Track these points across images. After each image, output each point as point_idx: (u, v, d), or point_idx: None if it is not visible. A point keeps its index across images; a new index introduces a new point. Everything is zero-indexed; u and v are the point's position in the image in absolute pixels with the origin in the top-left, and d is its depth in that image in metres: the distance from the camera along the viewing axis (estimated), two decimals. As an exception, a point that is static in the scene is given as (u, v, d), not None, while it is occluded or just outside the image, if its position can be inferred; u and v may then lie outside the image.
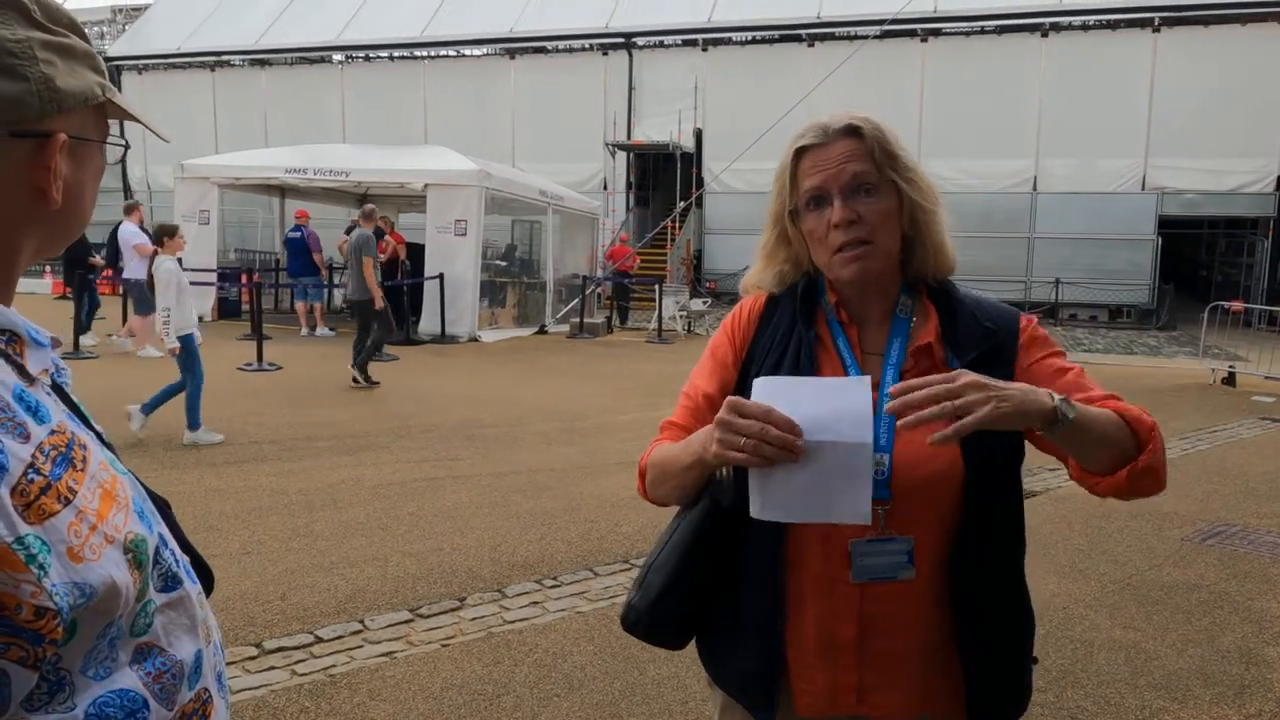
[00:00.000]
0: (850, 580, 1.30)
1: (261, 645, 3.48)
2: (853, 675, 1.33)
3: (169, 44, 26.74)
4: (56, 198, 0.80)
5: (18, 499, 0.69)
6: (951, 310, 1.39)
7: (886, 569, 1.30)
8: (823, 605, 1.34)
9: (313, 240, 14.30)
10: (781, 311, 1.45)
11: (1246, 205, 19.99)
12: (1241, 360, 12.53)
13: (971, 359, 1.32)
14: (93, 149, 0.86)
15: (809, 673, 1.36)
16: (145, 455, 6.18)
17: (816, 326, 1.41)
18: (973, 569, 1.32)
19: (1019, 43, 20.48)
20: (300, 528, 4.85)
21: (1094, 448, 1.24)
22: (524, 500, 5.51)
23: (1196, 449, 7.71)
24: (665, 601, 1.42)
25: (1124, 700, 3.29)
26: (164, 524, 0.90)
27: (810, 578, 1.34)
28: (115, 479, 0.81)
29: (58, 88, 0.79)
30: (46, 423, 0.75)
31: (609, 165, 23.07)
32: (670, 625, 1.46)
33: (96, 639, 0.75)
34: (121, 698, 0.77)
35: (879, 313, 1.41)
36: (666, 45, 23.16)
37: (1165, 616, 4.06)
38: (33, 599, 0.68)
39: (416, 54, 24.99)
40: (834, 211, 1.33)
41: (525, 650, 3.54)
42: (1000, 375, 1.24)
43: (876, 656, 1.33)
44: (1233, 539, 5.21)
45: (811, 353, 1.37)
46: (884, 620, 1.32)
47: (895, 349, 1.37)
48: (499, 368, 11.61)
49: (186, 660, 0.84)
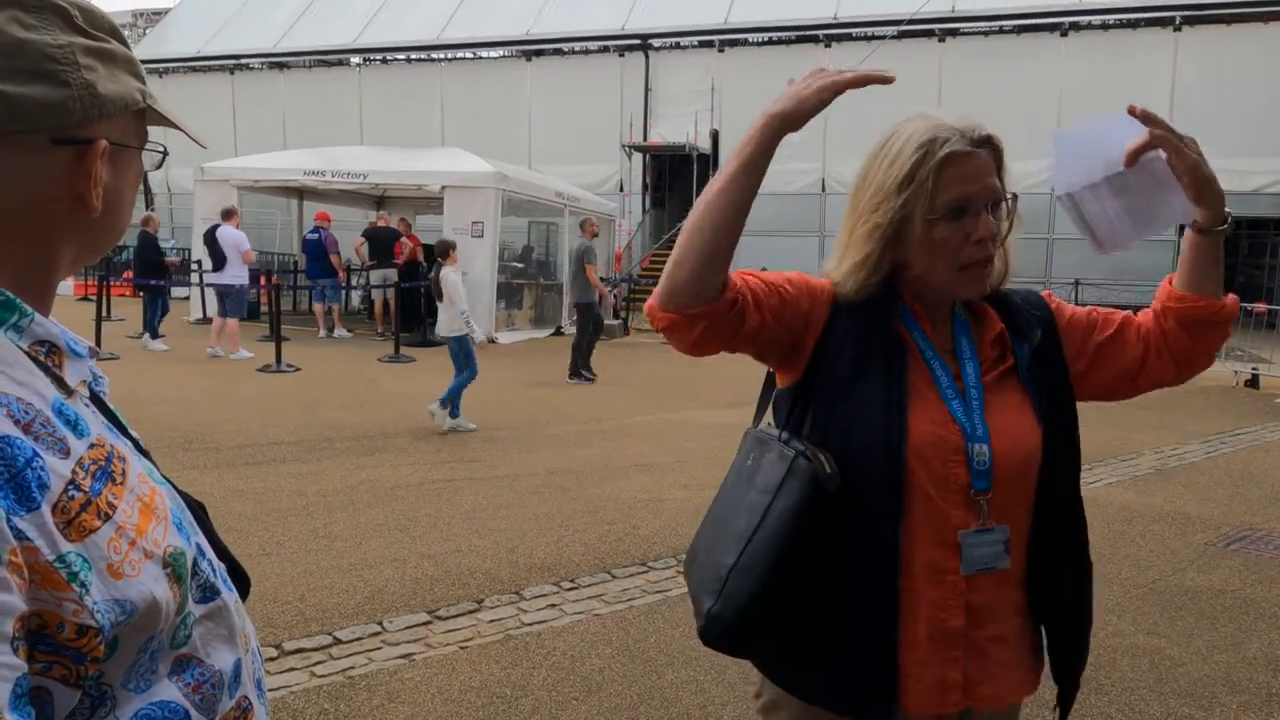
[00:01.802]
0: (960, 571, 1.32)
1: (281, 646, 3.49)
2: (959, 669, 1.34)
3: (189, 48, 26.96)
4: (97, 205, 0.79)
5: (59, 516, 0.68)
6: (1005, 304, 1.43)
7: (989, 558, 1.33)
8: (934, 598, 1.33)
9: (330, 242, 14.37)
10: (850, 315, 1.37)
11: (1270, 206, 19.76)
12: (1265, 362, 12.39)
13: (1037, 342, 1.39)
14: (132, 155, 0.85)
15: (920, 669, 1.33)
16: (167, 455, 6.22)
17: (894, 325, 1.39)
18: (1054, 550, 1.38)
19: (1038, 42, 20.33)
20: (319, 529, 4.86)
21: (1217, 266, 1.38)
22: (541, 502, 5.51)
23: (1220, 452, 7.62)
24: (758, 607, 1.30)
25: (1149, 708, 3.25)
26: (200, 532, 0.89)
27: (922, 570, 1.32)
28: (154, 491, 0.81)
29: (99, 94, 0.78)
30: (86, 436, 0.75)
31: (625, 167, 23.07)
32: (766, 633, 1.35)
33: (138, 653, 0.75)
34: (163, 709, 0.76)
35: (945, 315, 1.42)
36: (683, 46, 23.13)
37: (1190, 622, 4.01)
38: (74, 617, 0.68)
39: (433, 56, 25.09)
40: (978, 226, 1.31)
41: (543, 653, 3.54)
42: (1053, 349, 1.41)
43: (980, 647, 1.35)
44: (1258, 544, 5.14)
45: (903, 354, 1.36)
46: (986, 610, 1.35)
47: (964, 345, 1.39)
48: (516, 370, 11.63)
49: (225, 670, 0.83)
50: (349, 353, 12.57)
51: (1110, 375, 1.46)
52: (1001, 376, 1.39)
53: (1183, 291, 1.40)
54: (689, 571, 1.46)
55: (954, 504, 1.32)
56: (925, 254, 1.34)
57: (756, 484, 1.35)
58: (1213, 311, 1.39)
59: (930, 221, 1.31)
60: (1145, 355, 1.44)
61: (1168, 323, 1.42)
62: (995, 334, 1.40)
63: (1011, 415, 1.35)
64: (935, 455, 1.31)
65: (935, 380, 1.35)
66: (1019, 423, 1.36)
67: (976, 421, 1.33)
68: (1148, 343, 1.44)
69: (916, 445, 1.30)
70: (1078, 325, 1.46)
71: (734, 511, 1.37)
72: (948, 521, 1.31)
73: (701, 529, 1.46)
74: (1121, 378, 1.46)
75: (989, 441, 1.32)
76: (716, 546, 1.36)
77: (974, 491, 1.32)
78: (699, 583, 1.38)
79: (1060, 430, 1.38)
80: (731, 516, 1.37)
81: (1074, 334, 1.45)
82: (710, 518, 1.45)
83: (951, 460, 1.31)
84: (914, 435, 1.30)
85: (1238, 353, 13.38)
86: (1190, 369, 1.44)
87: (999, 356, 1.40)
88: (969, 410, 1.33)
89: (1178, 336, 1.41)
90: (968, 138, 1.30)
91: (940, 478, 1.31)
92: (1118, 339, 1.45)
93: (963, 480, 1.32)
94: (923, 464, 1.31)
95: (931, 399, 1.34)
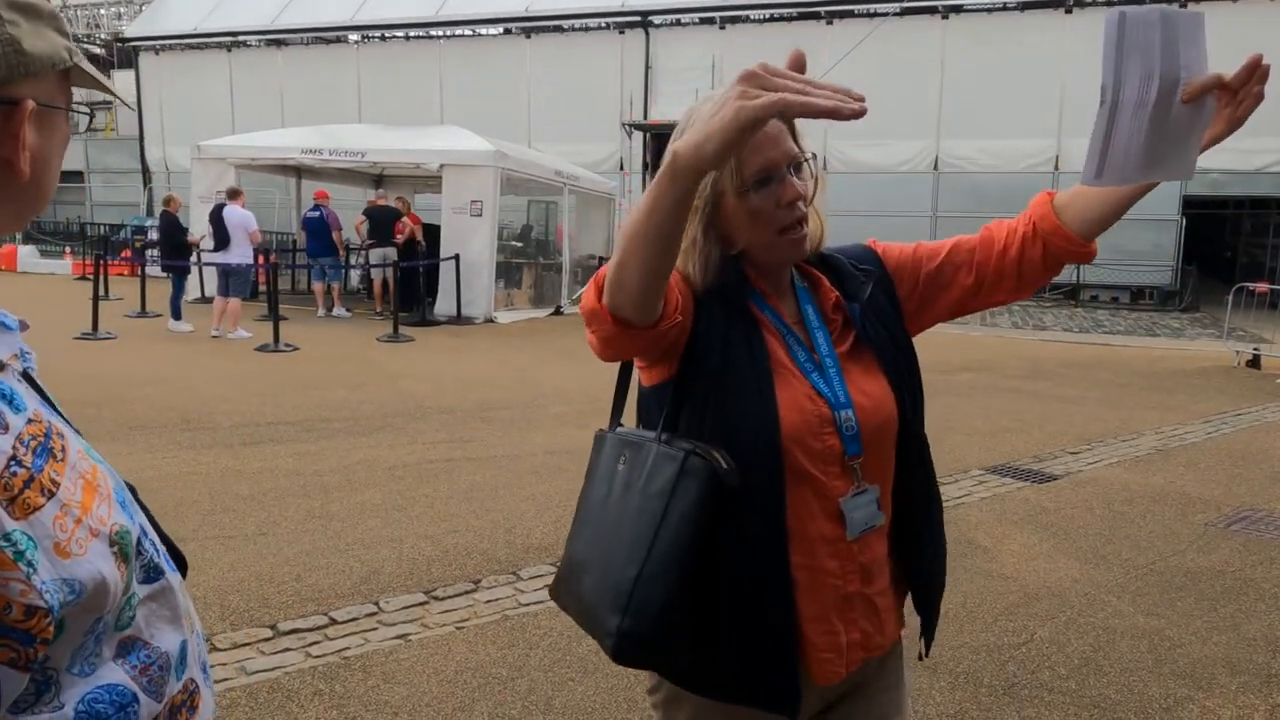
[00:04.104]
0: (846, 538, 1.35)
1: (276, 627, 3.47)
2: (858, 628, 1.38)
3: (185, 24, 26.72)
4: (25, 169, 0.75)
5: (2, 493, 0.66)
6: (832, 267, 1.46)
7: (868, 519, 1.37)
8: (832, 568, 1.36)
9: (332, 220, 14.32)
10: (709, 303, 1.35)
11: (1272, 185, 19.63)
12: (1266, 343, 12.35)
13: (868, 298, 1.43)
14: (59, 118, 0.80)
15: (827, 639, 1.36)
16: (163, 435, 6.20)
17: (746, 304, 1.39)
18: (914, 494, 1.44)
19: (1042, 19, 20.13)
20: (316, 509, 4.84)
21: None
22: (539, 482, 5.49)
23: (1220, 432, 7.60)
24: (671, 614, 1.26)
25: (1147, 689, 3.24)
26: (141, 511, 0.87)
27: (817, 545, 1.34)
28: (95, 469, 0.78)
29: (25, 50, 0.73)
30: (23, 411, 0.71)
31: (625, 145, 22.92)
32: (682, 640, 1.30)
33: (84, 636, 0.72)
34: (111, 693, 0.74)
35: (785, 285, 1.45)
36: (684, 23, 22.92)
37: (1189, 603, 4.00)
38: (22, 598, 0.65)
39: (432, 34, 24.85)
40: (786, 189, 1.32)
41: (540, 633, 3.52)
42: (888, 296, 1.46)
43: (871, 602, 1.40)
44: (1258, 524, 5.13)
45: (760, 336, 1.37)
46: (872, 567, 1.39)
47: (811, 314, 1.42)
48: (515, 349, 11.60)
49: (171, 651, 0.81)
50: (347, 332, 12.53)
51: (945, 302, 1.50)
52: (852, 345, 1.42)
53: (1071, 231, 1.40)
54: (568, 590, 1.39)
55: (833, 474, 1.35)
56: (745, 226, 1.35)
57: (642, 488, 1.30)
58: (1085, 255, 1.42)
59: (742, 193, 1.33)
60: (980, 283, 1.47)
61: (1033, 249, 1.43)
62: (834, 301, 1.43)
63: (867, 379, 1.39)
64: (808, 431, 1.33)
65: (793, 356, 1.38)
66: (875, 384, 1.40)
67: (838, 389, 1.36)
68: (983, 270, 1.46)
69: (789, 426, 1.32)
70: (905, 264, 1.50)
71: (621, 520, 1.31)
72: (830, 493, 1.34)
73: (578, 543, 1.39)
74: (957, 304, 1.51)
75: (853, 407, 1.36)
76: (612, 558, 1.30)
77: (847, 457, 1.35)
78: (595, 598, 1.31)
79: (905, 379, 1.43)
80: (620, 525, 1.31)
81: (902, 274, 1.50)
82: (588, 528, 1.38)
83: (824, 433, 1.34)
84: (785, 417, 1.32)
85: (1239, 333, 13.35)
86: (1032, 287, 1.48)
87: (845, 322, 1.43)
88: (828, 380, 1.37)
89: (1035, 264, 1.44)
90: None
91: (816, 452, 1.33)
92: (948, 266, 1.49)
93: (837, 449, 1.35)
94: (798, 443, 1.32)
95: (794, 376, 1.36)
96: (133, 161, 27.48)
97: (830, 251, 1.49)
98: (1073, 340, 14.81)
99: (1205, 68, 1.13)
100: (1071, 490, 5.71)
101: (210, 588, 3.78)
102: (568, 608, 1.43)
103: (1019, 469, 6.18)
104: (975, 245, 1.48)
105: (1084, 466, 6.31)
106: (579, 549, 1.39)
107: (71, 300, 13.45)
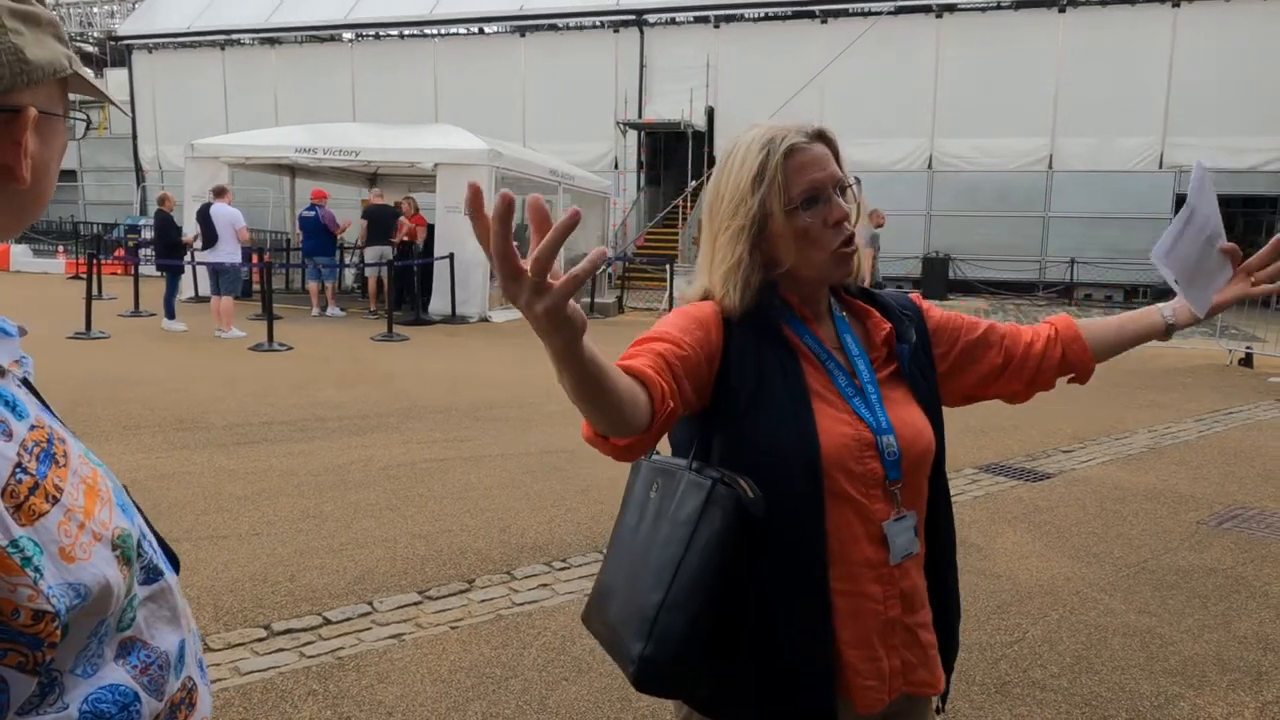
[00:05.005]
0: (889, 562, 1.36)
1: (270, 627, 3.47)
2: (898, 656, 1.37)
3: (179, 23, 26.65)
4: (26, 176, 0.76)
5: (8, 500, 0.67)
6: (881, 304, 1.49)
7: (907, 545, 1.38)
8: (874, 593, 1.36)
9: (329, 219, 14.31)
10: (742, 331, 1.36)
11: (1266, 184, 19.70)
12: (1259, 341, 12.39)
13: (913, 341, 1.46)
14: (58, 125, 0.82)
15: (868, 665, 1.34)
16: (157, 435, 6.19)
17: (784, 332, 1.39)
18: (940, 534, 1.47)
19: (1036, 18, 20.17)
20: (310, 509, 4.84)
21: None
22: (534, 482, 5.49)
23: (1213, 431, 7.62)
24: (694, 643, 1.25)
25: (1139, 686, 3.25)
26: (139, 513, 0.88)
27: (860, 569, 1.34)
28: (95, 472, 0.79)
29: (27, 59, 0.74)
30: (25, 418, 0.72)
31: (620, 144, 22.92)
32: (703, 668, 1.28)
33: (88, 638, 0.73)
34: (113, 693, 0.76)
35: (824, 312, 1.46)
36: (678, 22, 22.92)
37: (1181, 601, 4.02)
38: (30, 603, 0.66)
39: (426, 32, 24.82)
40: (833, 209, 1.35)
41: (534, 633, 3.53)
42: (925, 350, 1.49)
43: (913, 632, 1.39)
44: (1249, 522, 5.15)
45: (797, 362, 1.38)
46: (913, 595, 1.40)
47: (850, 343, 1.43)
48: (510, 348, 11.60)
49: (170, 651, 0.83)
50: (342, 331, 12.52)
51: (972, 377, 1.55)
52: (891, 375, 1.44)
53: (1090, 352, 1.57)
54: (597, 614, 1.39)
55: (875, 498, 1.35)
56: (793, 245, 1.37)
57: (671, 516, 1.30)
58: (1088, 372, 1.58)
59: (790, 212, 1.35)
60: (1005, 366, 1.55)
61: (1054, 350, 1.55)
62: (885, 333, 1.45)
63: (905, 408, 1.42)
64: (850, 455, 1.34)
65: (834, 381, 1.38)
66: (914, 415, 1.42)
67: (880, 415, 1.38)
68: (1010, 354, 1.55)
69: (830, 450, 1.32)
70: (945, 326, 1.55)
71: (650, 547, 1.31)
72: (873, 516, 1.35)
73: (610, 567, 1.39)
74: (980, 382, 1.56)
75: (894, 433, 1.37)
76: (637, 585, 1.29)
77: (888, 482, 1.36)
78: (620, 624, 1.30)
79: (937, 423, 1.46)
80: (648, 552, 1.31)
81: (941, 335, 1.53)
82: (619, 555, 1.38)
83: (865, 456, 1.35)
84: (825, 440, 1.32)
85: (1231, 331, 13.39)
86: (1034, 393, 1.60)
87: (888, 355, 1.45)
88: (870, 405, 1.38)
89: (1049, 372, 1.56)
90: (803, 132, 1.37)
91: (858, 475, 1.34)
92: (982, 343, 1.55)
93: (879, 473, 1.35)
94: (839, 466, 1.33)
95: (834, 400, 1.37)
96: (126, 160, 27.40)
97: (875, 291, 1.52)
98: (1066, 339, 14.81)
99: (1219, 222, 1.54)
100: (1064, 488, 5.73)
101: (204, 588, 3.78)
102: (597, 633, 1.40)
103: (1012, 467, 6.20)
104: (1006, 332, 1.57)
105: (1077, 465, 6.33)
106: (609, 574, 1.39)
107: (65, 300, 13.42)
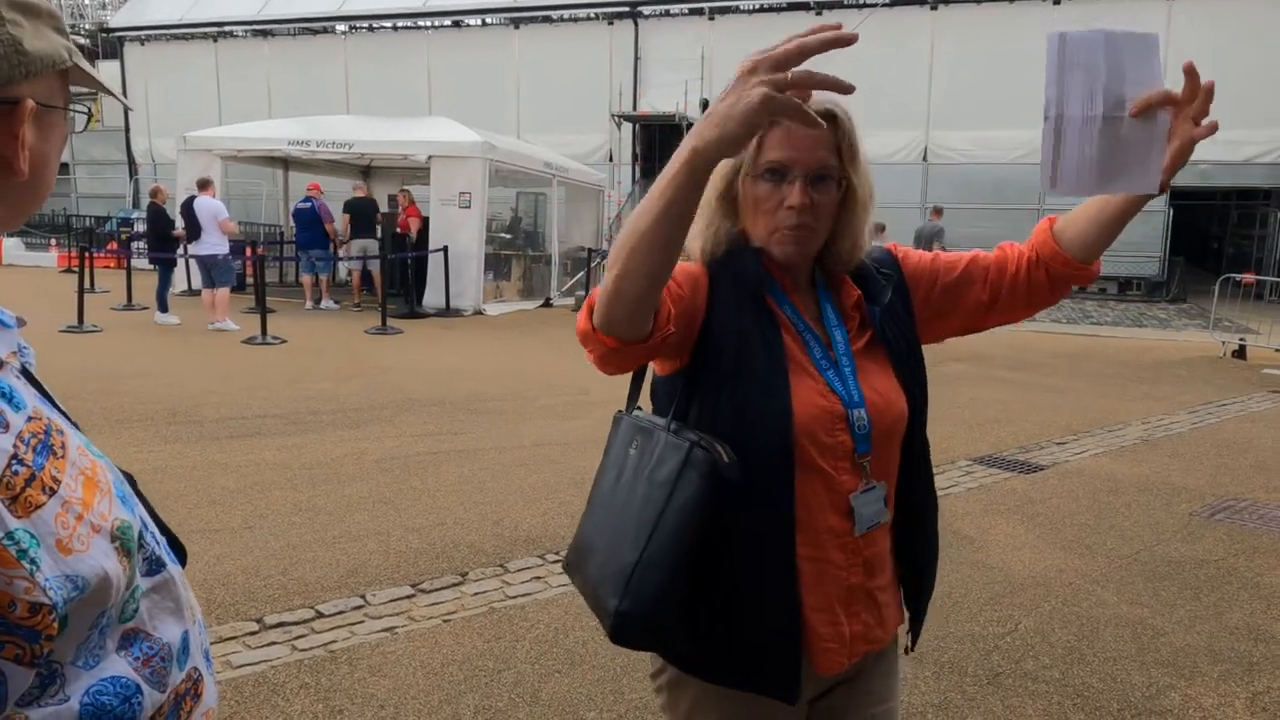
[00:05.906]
0: (854, 533, 1.39)
1: (262, 620, 3.47)
2: (860, 620, 1.42)
3: (171, 15, 26.51)
4: (24, 169, 0.75)
5: (4, 492, 0.66)
6: (859, 272, 1.47)
7: (874, 515, 1.41)
8: (838, 560, 1.39)
9: (324, 211, 14.26)
10: (725, 290, 1.38)
11: (1261, 176, 19.72)
12: (1252, 333, 12.43)
13: (888, 301, 1.45)
14: (58, 117, 0.81)
15: (830, 629, 1.39)
16: (150, 428, 6.17)
17: (764, 299, 1.41)
18: (916, 495, 1.49)
19: (1031, 10, 20.12)
20: (303, 502, 4.83)
21: (1118, 234, 1.41)
22: (528, 474, 5.49)
23: (1206, 422, 7.65)
24: (668, 600, 1.30)
25: (1130, 677, 3.26)
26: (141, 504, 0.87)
27: (825, 538, 1.37)
28: (95, 464, 0.78)
29: (25, 51, 0.74)
30: (23, 409, 0.72)
31: (614, 137, 22.86)
32: (678, 624, 1.34)
33: (88, 630, 0.73)
34: (115, 684, 0.76)
35: (805, 281, 1.47)
36: (673, 14, 22.83)
37: (1173, 592, 4.03)
38: (26, 595, 0.66)
39: (420, 24, 24.72)
40: (793, 193, 1.34)
41: (527, 626, 3.53)
42: (904, 302, 1.49)
43: (874, 596, 1.43)
44: (1242, 514, 5.16)
45: (777, 332, 1.39)
46: (876, 561, 1.43)
47: (830, 312, 1.45)
48: (504, 341, 11.58)
49: (173, 642, 0.83)
50: (335, 324, 12.49)
51: (959, 317, 1.54)
52: (867, 343, 1.45)
53: (1070, 255, 1.44)
54: (578, 567, 1.43)
55: (842, 470, 1.38)
56: (748, 209, 1.40)
57: (648, 476, 1.34)
58: (1087, 276, 1.47)
59: (751, 179, 1.37)
60: (994, 300, 1.51)
61: (1037, 273, 1.48)
62: (854, 300, 1.46)
63: (879, 377, 1.43)
64: (821, 427, 1.36)
65: (809, 352, 1.40)
66: (888, 385, 1.43)
67: (852, 388, 1.39)
68: (997, 288, 1.50)
69: (802, 420, 1.34)
70: (923, 272, 1.54)
71: (628, 505, 1.35)
72: (840, 488, 1.37)
73: (590, 523, 1.44)
74: (969, 318, 1.55)
75: (865, 406, 1.39)
76: (616, 541, 1.34)
77: (857, 455, 1.38)
78: (598, 580, 1.36)
79: (915, 383, 1.47)
80: (626, 510, 1.35)
81: (919, 281, 1.53)
82: (599, 510, 1.42)
83: (836, 429, 1.37)
84: (799, 411, 1.34)
85: (1225, 323, 13.42)
86: (1040, 308, 1.53)
87: (862, 322, 1.46)
88: (843, 378, 1.40)
89: (1043, 286, 1.48)
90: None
91: (827, 447, 1.36)
92: (964, 281, 1.52)
93: (848, 446, 1.38)
94: (810, 437, 1.35)
95: (809, 371, 1.39)
96: (118, 153, 27.28)
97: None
98: (1060, 331, 14.87)
99: (1158, 85, 1.16)
100: (1058, 480, 5.74)
101: (196, 581, 3.76)
102: (578, 587, 1.46)
103: (1005, 459, 6.21)
104: (991, 264, 1.52)
105: (1070, 457, 6.35)
106: (589, 530, 1.44)
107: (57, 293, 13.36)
